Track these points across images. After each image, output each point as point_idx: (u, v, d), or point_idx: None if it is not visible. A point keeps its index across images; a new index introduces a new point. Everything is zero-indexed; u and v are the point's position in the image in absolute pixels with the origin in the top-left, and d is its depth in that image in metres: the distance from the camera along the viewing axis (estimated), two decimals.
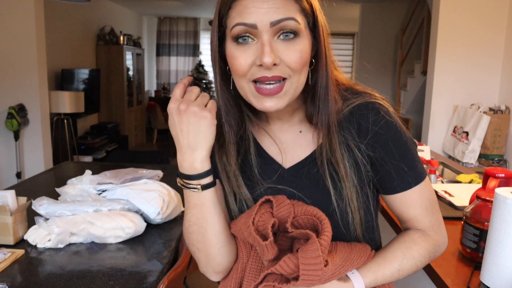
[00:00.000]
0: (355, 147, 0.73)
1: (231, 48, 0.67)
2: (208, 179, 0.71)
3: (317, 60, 0.71)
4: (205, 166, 0.71)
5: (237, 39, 0.66)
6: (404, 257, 0.74)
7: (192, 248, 0.78)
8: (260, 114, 0.79)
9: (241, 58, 0.66)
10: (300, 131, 0.78)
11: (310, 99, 0.73)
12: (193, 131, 0.69)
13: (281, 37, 0.65)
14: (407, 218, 0.78)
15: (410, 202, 0.76)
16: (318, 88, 0.71)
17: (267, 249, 0.65)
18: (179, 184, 0.74)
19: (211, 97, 0.73)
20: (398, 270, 0.74)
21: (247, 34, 0.65)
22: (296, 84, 0.68)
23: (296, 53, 0.66)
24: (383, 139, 0.72)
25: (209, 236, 0.74)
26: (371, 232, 0.78)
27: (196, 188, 0.71)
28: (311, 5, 0.68)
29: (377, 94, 0.76)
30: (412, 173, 0.74)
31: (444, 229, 0.80)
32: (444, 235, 0.80)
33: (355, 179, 0.73)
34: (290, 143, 0.78)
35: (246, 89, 0.68)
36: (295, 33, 0.65)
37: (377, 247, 0.81)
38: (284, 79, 0.66)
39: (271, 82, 0.66)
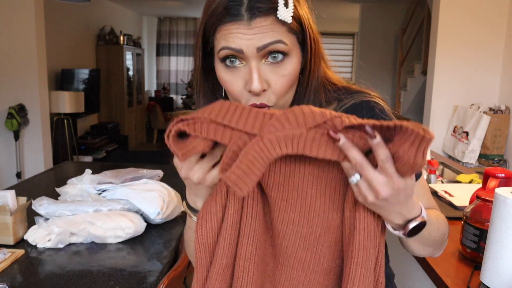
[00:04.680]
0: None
1: (221, 70, 0.67)
2: None
3: (305, 66, 0.70)
4: None
5: (224, 60, 0.65)
6: (436, 215, 0.72)
7: (191, 256, 0.80)
8: None
9: (232, 83, 0.66)
10: None
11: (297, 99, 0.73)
12: (195, 191, 0.67)
13: (269, 59, 0.64)
14: None
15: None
16: (302, 95, 0.71)
17: None
18: (183, 206, 0.74)
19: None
20: (437, 221, 0.70)
21: (234, 57, 0.64)
22: (283, 103, 0.68)
23: (283, 78, 0.65)
24: None
25: None
26: None
27: (191, 217, 0.71)
28: (299, 22, 0.66)
29: (372, 92, 0.75)
30: None
31: None
32: None
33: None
34: None
35: None
36: (284, 54, 0.64)
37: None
38: (269, 106, 0.66)
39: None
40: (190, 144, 0.56)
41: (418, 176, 0.75)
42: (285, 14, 0.62)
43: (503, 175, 1.24)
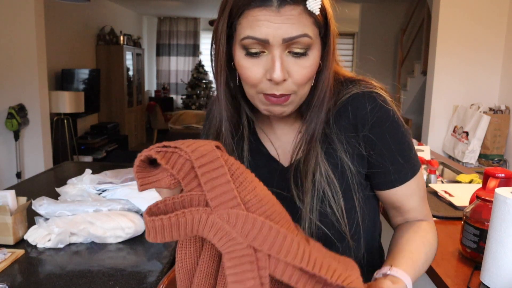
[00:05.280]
0: (341, 149, 0.72)
1: (241, 57, 0.66)
2: None
3: (322, 62, 0.70)
4: None
5: (246, 48, 0.65)
6: (425, 245, 0.72)
7: None
8: (261, 113, 0.80)
9: (251, 70, 0.65)
10: (300, 132, 0.78)
11: (308, 96, 0.73)
12: None
13: (292, 51, 0.64)
14: (406, 209, 0.77)
15: (409, 194, 0.75)
16: (318, 91, 0.71)
17: None
18: None
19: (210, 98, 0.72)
20: (425, 260, 0.71)
21: (257, 48, 0.64)
22: (300, 95, 0.69)
23: (304, 69, 0.65)
24: (380, 130, 0.71)
25: None
26: (358, 235, 0.75)
27: None
28: (324, 15, 0.66)
29: (374, 82, 0.75)
30: (407, 165, 0.74)
31: None
32: None
33: (336, 184, 0.71)
34: (290, 144, 0.78)
35: (255, 97, 0.69)
36: (307, 48, 0.64)
37: (363, 254, 0.78)
38: (288, 95, 0.66)
39: (278, 97, 0.66)
40: (156, 175, 0.51)
41: (413, 174, 0.74)
42: (314, 5, 0.62)
43: (503, 175, 1.23)
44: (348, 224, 0.72)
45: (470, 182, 1.85)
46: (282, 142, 0.78)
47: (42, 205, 1.43)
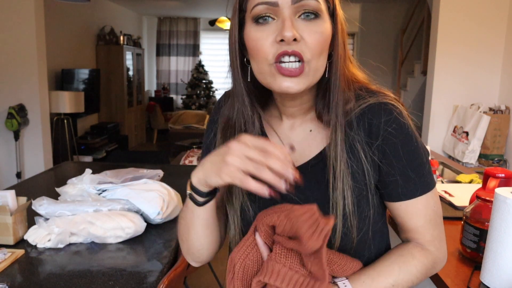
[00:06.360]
0: (361, 149, 0.71)
1: (251, 30, 0.67)
2: (205, 200, 0.71)
3: (332, 46, 0.70)
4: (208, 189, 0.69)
5: (257, 19, 0.66)
6: (400, 271, 0.70)
7: (179, 235, 0.80)
8: (272, 111, 0.79)
9: (261, 38, 0.66)
10: (311, 130, 0.77)
11: (322, 94, 0.72)
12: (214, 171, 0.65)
13: (302, 16, 0.65)
14: (409, 228, 0.75)
15: (414, 212, 0.73)
16: (331, 83, 0.70)
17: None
18: (188, 189, 0.73)
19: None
20: (392, 286, 0.69)
21: (268, 14, 0.65)
22: (315, 67, 0.67)
23: (316, 34, 0.66)
24: (393, 142, 0.70)
25: (191, 236, 0.76)
26: (366, 239, 0.74)
27: (192, 200, 0.71)
28: None
29: (391, 95, 0.74)
30: (419, 181, 0.72)
31: (445, 245, 0.77)
32: (445, 252, 0.77)
33: (350, 180, 0.70)
34: (299, 142, 0.77)
35: (266, 72, 0.67)
36: (316, 14, 0.66)
37: (375, 256, 0.77)
38: (302, 60, 0.65)
39: (291, 60, 0.65)
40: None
41: (424, 191, 0.72)
42: None
43: (503, 175, 1.23)
44: (357, 227, 0.71)
45: (470, 182, 1.85)
46: (291, 140, 0.77)
47: (42, 205, 1.43)
